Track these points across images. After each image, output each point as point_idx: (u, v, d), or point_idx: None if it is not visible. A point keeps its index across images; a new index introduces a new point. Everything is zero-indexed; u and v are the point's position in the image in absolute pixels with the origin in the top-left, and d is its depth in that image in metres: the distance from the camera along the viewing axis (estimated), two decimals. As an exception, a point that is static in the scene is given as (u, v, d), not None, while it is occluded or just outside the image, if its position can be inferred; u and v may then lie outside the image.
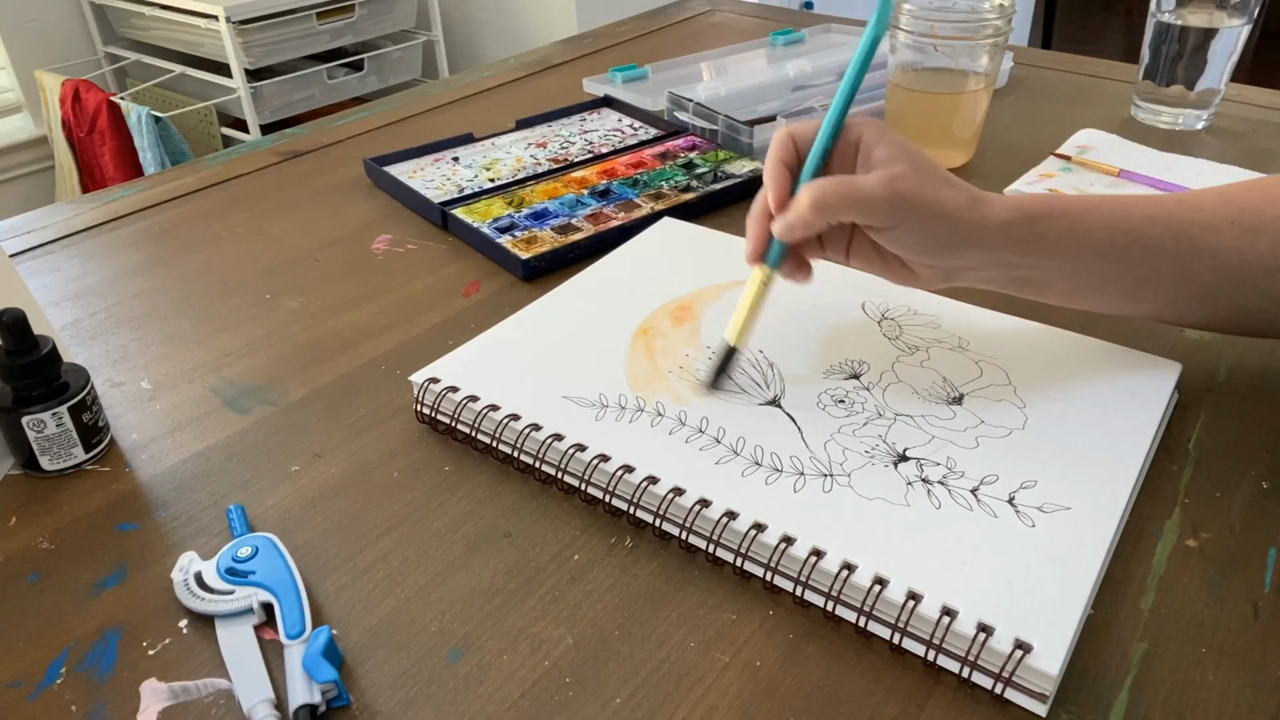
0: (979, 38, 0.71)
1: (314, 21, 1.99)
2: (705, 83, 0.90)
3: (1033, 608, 0.36)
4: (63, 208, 0.76)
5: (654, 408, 0.47)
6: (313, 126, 0.91)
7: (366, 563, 0.42)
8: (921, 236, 0.44)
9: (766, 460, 0.43)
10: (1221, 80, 0.80)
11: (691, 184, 0.73)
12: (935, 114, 0.75)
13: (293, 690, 0.35)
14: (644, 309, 0.55)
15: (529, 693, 0.36)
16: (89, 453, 0.48)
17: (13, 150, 2.21)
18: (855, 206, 0.44)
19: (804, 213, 0.45)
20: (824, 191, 0.44)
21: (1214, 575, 0.39)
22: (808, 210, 0.44)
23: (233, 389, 0.54)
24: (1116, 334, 0.51)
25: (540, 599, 0.40)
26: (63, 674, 0.37)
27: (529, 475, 0.46)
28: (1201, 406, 0.49)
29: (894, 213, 0.43)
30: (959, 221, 0.44)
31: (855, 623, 0.37)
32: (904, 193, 0.43)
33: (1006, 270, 0.46)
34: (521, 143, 0.83)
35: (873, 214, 0.44)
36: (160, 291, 0.64)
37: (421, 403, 0.49)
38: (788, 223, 0.45)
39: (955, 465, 0.43)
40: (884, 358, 0.50)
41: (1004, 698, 0.35)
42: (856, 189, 0.44)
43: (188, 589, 0.40)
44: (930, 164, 0.45)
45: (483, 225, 0.68)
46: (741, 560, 0.40)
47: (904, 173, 0.44)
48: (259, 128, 1.98)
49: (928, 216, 0.44)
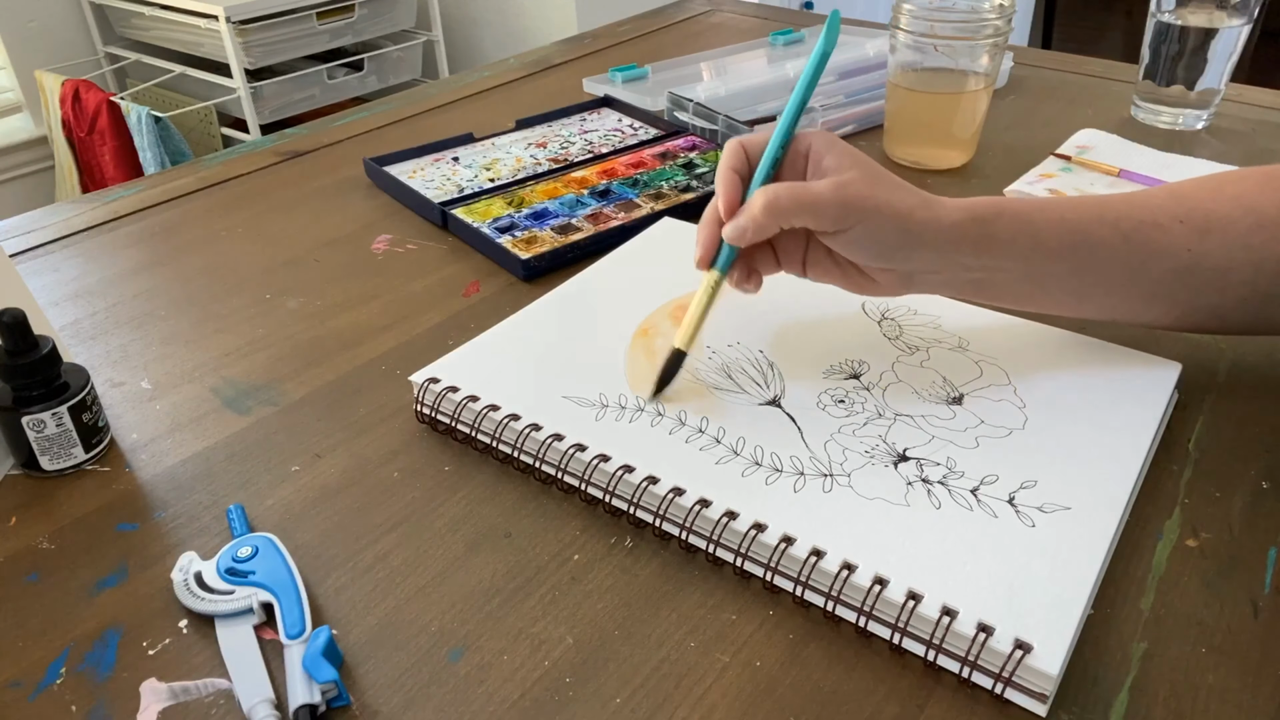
0: (979, 38, 0.71)
1: (314, 21, 1.99)
2: (705, 83, 0.90)
3: (1033, 608, 0.36)
4: (63, 208, 0.76)
5: (654, 407, 0.47)
6: (313, 126, 0.91)
7: (366, 563, 0.42)
8: (874, 239, 0.45)
9: (766, 460, 0.43)
10: (1221, 80, 0.80)
11: (691, 184, 0.73)
12: (935, 114, 0.75)
13: (293, 690, 0.35)
14: (644, 309, 0.55)
15: (529, 693, 0.36)
16: (89, 453, 0.48)
17: (13, 150, 2.21)
18: (806, 209, 0.44)
19: (756, 215, 0.45)
20: (776, 195, 0.44)
21: (1214, 575, 0.39)
22: (760, 213, 0.45)
23: (233, 389, 0.54)
24: (1116, 334, 0.51)
25: (540, 599, 0.40)
26: (63, 674, 0.37)
27: (529, 475, 0.46)
28: (1201, 406, 0.49)
29: (845, 215, 0.44)
30: (909, 221, 0.44)
31: (855, 623, 0.37)
32: (854, 196, 0.44)
33: (962, 273, 0.46)
34: (521, 143, 0.83)
35: (824, 217, 0.44)
36: (160, 291, 0.64)
37: (421, 403, 0.49)
38: (739, 226, 0.46)
39: (955, 465, 0.43)
40: (884, 358, 0.50)
41: (1004, 698, 0.35)
42: (808, 192, 0.44)
43: (188, 589, 0.40)
44: (880, 170, 0.46)
45: (483, 225, 0.68)
46: (741, 560, 0.40)
47: (854, 178, 0.45)
48: (259, 128, 1.98)
49: (878, 218, 0.44)
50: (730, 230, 0.46)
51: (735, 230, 0.46)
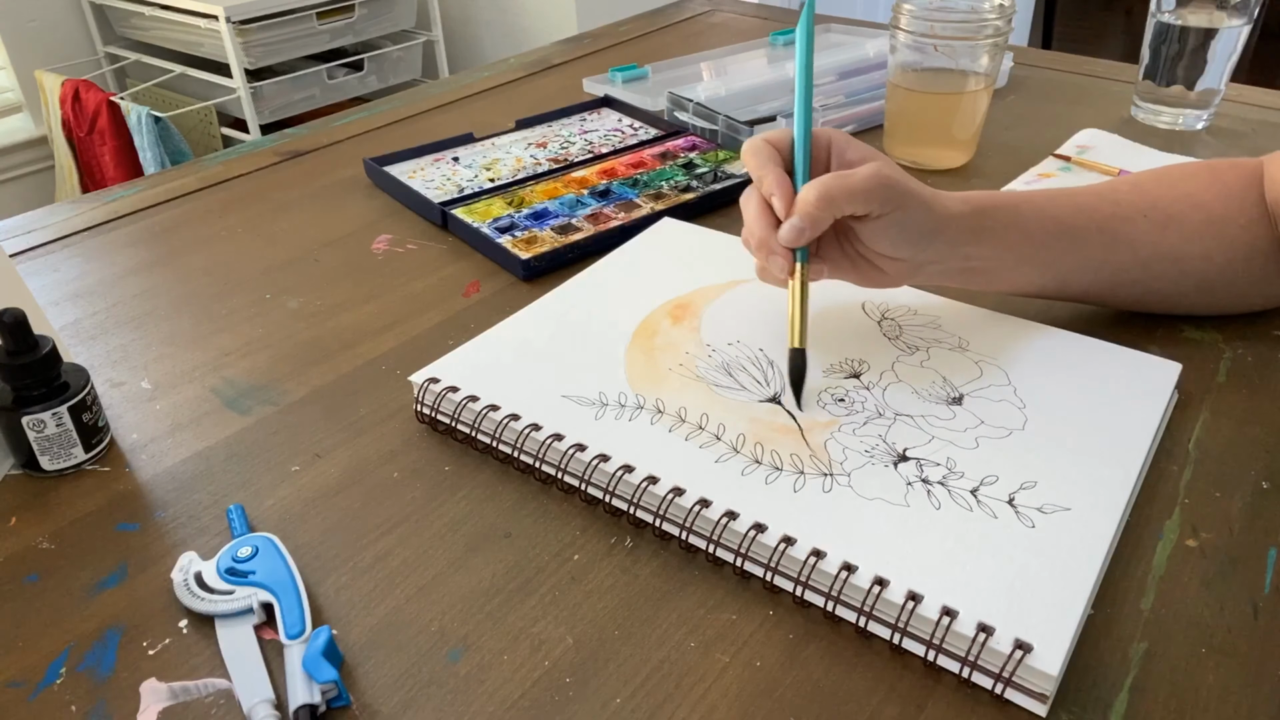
0: (979, 38, 0.71)
1: (314, 21, 1.99)
2: (705, 83, 0.90)
3: (1033, 608, 0.36)
4: (63, 208, 0.76)
5: (654, 404, 0.47)
6: (313, 126, 0.91)
7: (366, 563, 0.42)
8: (906, 225, 0.47)
9: (766, 458, 0.43)
10: (1221, 80, 0.80)
11: (691, 184, 0.73)
12: (935, 114, 0.75)
13: (293, 690, 0.35)
14: (644, 308, 0.55)
15: (529, 693, 0.36)
16: (89, 453, 0.48)
17: (13, 150, 2.21)
18: (857, 196, 0.45)
19: (811, 211, 0.46)
20: (827, 187, 0.45)
21: (1214, 575, 0.39)
22: (814, 208, 0.45)
23: (233, 389, 0.54)
24: (1116, 334, 0.51)
25: (540, 599, 0.40)
26: (63, 674, 0.37)
27: (529, 475, 0.46)
28: (1201, 406, 0.49)
29: (888, 199, 0.46)
30: (932, 210, 0.47)
31: (855, 623, 0.37)
32: (893, 181, 0.46)
33: (961, 261, 0.49)
34: (521, 143, 0.83)
35: (872, 200, 0.45)
36: (160, 291, 0.64)
37: (421, 403, 0.49)
38: (795, 228, 0.46)
39: (955, 465, 0.43)
40: (884, 357, 0.50)
41: (1004, 698, 0.35)
42: (853, 178, 0.46)
43: (188, 589, 0.40)
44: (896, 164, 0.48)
45: (483, 225, 0.68)
46: (741, 560, 0.40)
47: (885, 164, 0.47)
48: (259, 128, 1.98)
49: (913, 202, 0.46)
50: (788, 233, 0.46)
51: (793, 232, 0.46)
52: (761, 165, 0.48)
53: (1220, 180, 0.53)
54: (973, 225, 0.48)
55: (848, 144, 0.49)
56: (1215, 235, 0.51)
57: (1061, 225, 0.50)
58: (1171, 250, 0.51)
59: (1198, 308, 0.55)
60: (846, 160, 0.48)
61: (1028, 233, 0.49)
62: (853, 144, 0.49)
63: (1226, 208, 0.52)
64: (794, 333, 0.47)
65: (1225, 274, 0.52)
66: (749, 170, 0.49)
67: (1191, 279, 0.52)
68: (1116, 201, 0.52)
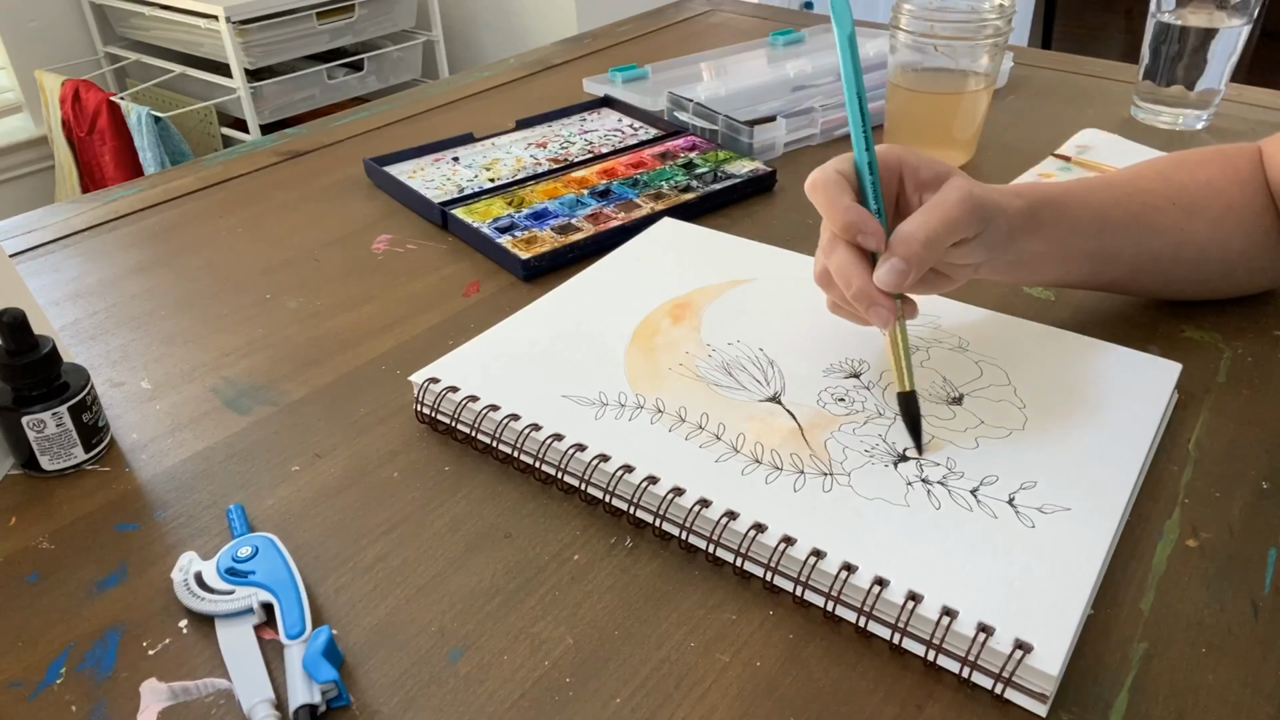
0: (979, 38, 0.71)
1: (314, 21, 1.99)
2: (705, 83, 0.90)
3: (1033, 608, 0.36)
4: (63, 208, 0.76)
5: (654, 404, 0.47)
6: (313, 126, 0.91)
7: (366, 563, 0.42)
8: (991, 238, 0.45)
9: (766, 458, 0.43)
10: (1221, 80, 0.79)
11: (691, 184, 0.73)
12: (935, 114, 0.75)
13: (293, 690, 0.35)
14: (644, 308, 0.55)
15: (529, 693, 0.36)
16: (89, 453, 0.48)
17: (13, 150, 2.21)
18: (957, 228, 0.43)
19: (918, 253, 0.43)
20: (931, 226, 0.43)
21: (1214, 575, 0.39)
22: (921, 247, 0.43)
23: (233, 389, 0.54)
24: (1116, 334, 0.51)
25: (540, 599, 0.40)
26: (63, 674, 0.37)
27: (529, 475, 0.46)
28: (1201, 406, 0.49)
29: (983, 217, 0.44)
30: (1008, 214, 0.46)
31: (855, 623, 0.37)
32: (980, 199, 0.44)
33: (1012, 256, 0.48)
34: (521, 143, 0.83)
35: (971, 227, 0.44)
36: (160, 291, 0.64)
37: (421, 403, 0.49)
38: (899, 271, 0.43)
39: (955, 465, 0.43)
40: (884, 357, 0.50)
41: (1004, 698, 0.35)
42: (950, 211, 0.43)
43: (188, 589, 0.40)
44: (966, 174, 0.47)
45: (483, 225, 0.68)
46: (741, 560, 0.40)
47: (963, 179, 0.45)
48: (259, 128, 1.98)
49: (1000, 216, 0.46)
50: (890, 276, 0.43)
51: (896, 275, 0.43)
52: (835, 201, 0.43)
53: (1232, 166, 0.54)
54: (1027, 220, 0.47)
55: (920, 162, 0.46)
56: (1235, 222, 0.53)
57: (1103, 218, 0.50)
58: (1198, 237, 0.52)
59: (1219, 292, 0.56)
60: (920, 180, 0.45)
61: (1075, 226, 0.49)
62: (923, 161, 0.46)
63: (1242, 194, 0.53)
64: (901, 376, 0.45)
65: (1244, 259, 0.54)
66: (820, 206, 0.44)
67: (1214, 264, 0.53)
68: (1146, 190, 0.52)
